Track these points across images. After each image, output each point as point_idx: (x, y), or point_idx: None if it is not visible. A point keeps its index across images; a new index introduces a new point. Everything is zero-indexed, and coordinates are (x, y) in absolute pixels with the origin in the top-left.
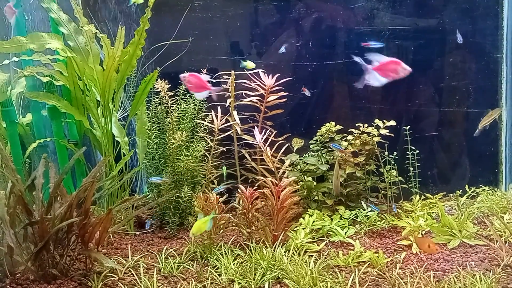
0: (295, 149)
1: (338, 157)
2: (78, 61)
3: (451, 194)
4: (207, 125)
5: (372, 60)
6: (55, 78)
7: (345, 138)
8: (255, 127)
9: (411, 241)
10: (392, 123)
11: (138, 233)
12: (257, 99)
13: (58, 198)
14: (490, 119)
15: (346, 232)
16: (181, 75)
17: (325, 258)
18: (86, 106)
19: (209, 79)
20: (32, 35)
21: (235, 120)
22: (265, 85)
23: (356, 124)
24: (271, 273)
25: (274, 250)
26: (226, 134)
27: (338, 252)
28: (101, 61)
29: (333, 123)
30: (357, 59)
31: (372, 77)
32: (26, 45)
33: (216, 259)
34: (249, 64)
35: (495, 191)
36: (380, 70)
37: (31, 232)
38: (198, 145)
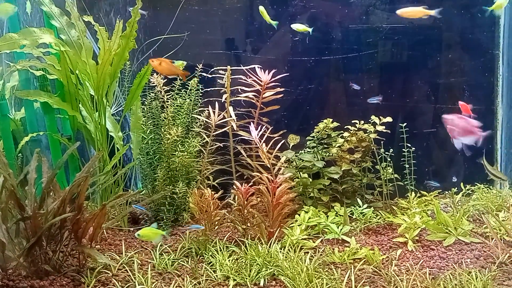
0: (291, 145)
1: (335, 154)
2: (70, 55)
3: (447, 192)
4: (203, 121)
5: None
6: (48, 72)
7: (341, 134)
8: (251, 123)
9: (407, 238)
10: (389, 119)
11: (132, 229)
12: (253, 95)
13: (51, 193)
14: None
15: (341, 229)
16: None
17: (321, 255)
18: (80, 100)
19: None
20: (24, 31)
21: (230, 116)
22: (261, 81)
23: (353, 121)
24: (267, 270)
25: (269, 247)
26: (222, 130)
27: (333, 249)
28: (94, 54)
29: (330, 119)
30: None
31: None
32: (18, 41)
33: (211, 255)
34: (300, 26)
35: (490, 189)
36: None
37: (23, 228)
38: (194, 141)
